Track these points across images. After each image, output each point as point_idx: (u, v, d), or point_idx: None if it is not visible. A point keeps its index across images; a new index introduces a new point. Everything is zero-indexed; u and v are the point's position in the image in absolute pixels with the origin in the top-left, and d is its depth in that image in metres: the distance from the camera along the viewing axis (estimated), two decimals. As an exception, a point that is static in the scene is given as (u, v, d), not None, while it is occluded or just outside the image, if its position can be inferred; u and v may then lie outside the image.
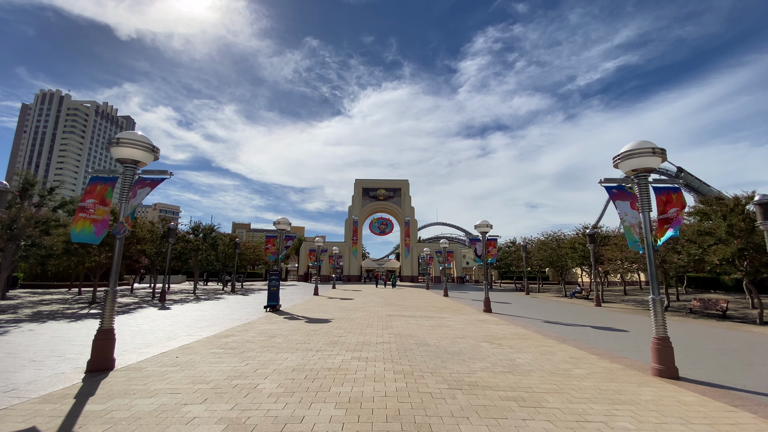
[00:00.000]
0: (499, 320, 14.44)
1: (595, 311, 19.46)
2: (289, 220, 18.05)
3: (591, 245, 23.59)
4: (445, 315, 15.78)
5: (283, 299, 24.07)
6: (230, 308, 18.13)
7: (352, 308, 18.13)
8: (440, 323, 13.13)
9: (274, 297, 16.76)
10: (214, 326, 11.99)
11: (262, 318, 14.07)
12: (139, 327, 11.89)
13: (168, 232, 23.44)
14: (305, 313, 15.76)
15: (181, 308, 18.16)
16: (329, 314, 15.51)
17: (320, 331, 11.05)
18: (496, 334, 10.88)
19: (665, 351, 7.04)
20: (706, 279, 33.27)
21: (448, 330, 11.56)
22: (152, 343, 9.27)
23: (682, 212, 7.20)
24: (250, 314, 15.49)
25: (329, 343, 9.09)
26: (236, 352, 8.03)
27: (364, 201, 63.60)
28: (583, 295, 29.26)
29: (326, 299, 24.27)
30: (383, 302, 21.99)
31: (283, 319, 13.90)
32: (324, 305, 19.73)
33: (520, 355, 8.12)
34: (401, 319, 14.01)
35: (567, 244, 27.63)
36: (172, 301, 22.54)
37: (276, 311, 16.47)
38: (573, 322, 14.80)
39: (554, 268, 34.32)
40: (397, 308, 18.44)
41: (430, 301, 23.39)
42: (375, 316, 15.05)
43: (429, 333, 10.90)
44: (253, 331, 10.83)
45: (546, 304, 24.27)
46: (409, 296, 28.33)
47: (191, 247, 27.52)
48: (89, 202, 7.12)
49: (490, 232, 18.11)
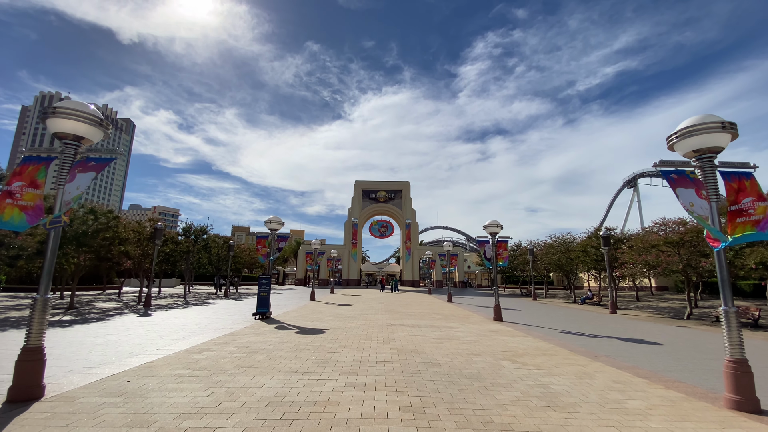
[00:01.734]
0: (514, 330, 12.91)
1: (612, 319, 17.93)
2: (281, 220, 16.57)
3: (605, 248, 22.07)
4: (453, 324, 14.25)
5: (277, 305, 22.54)
6: (217, 315, 16.62)
7: (350, 316, 16.60)
8: (449, 334, 11.61)
9: (264, 303, 15.25)
10: (191, 337, 10.49)
11: (248, 327, 12.55)
12: (105, 338, 10.39)
13: (155, 233, 21.98)
14: (297, 322, 14.24)
15: (164, 315, 16.65)
16: (324, 323, 13.99)
17: (311, 344, 9.53)
18: (516, 349, 9.36)
19: (744, 378, 5.52)
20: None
21: (459, 343, 10.05)
22: (110, 360, 7.77)
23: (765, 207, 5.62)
24: (237, 322, 13.98)
25: (319, 362, 7.58)
26: (204, 375, 6.53)
27: (364, 203, 62.14)
28: (594, 301, 27.70)
29: (322, 305, 22.73)
30: (383, 309, 20.46)
31: (272, 328, 12.38)
32: (319, 312, 18.21)
33: (553, 380, 6.61)
34: (404, 330, 12.49)
35: (578, 247, 26.11)
36: (158, 306, 21.04)
37: (265, 319, 14.96)
38: (595, 332, 13.28)
39: (563, 272, 32.77)
40: (399, 316, 16.93)
41: (434, 308, 21.85)
42: (374, 325, 13.54)
43: (437, 347, 9.38)
44: (232, 345, 9.32)
45: (557, 311, 22.73)
46: (411, 302, 26.78)
47: (181, 249, 26.01)
48: (16, 185, 5.61)
49: (500, 233, 16.63)
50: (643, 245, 19.29)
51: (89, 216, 18.79)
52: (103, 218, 18.96)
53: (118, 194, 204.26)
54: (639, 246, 19.52)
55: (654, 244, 18.72)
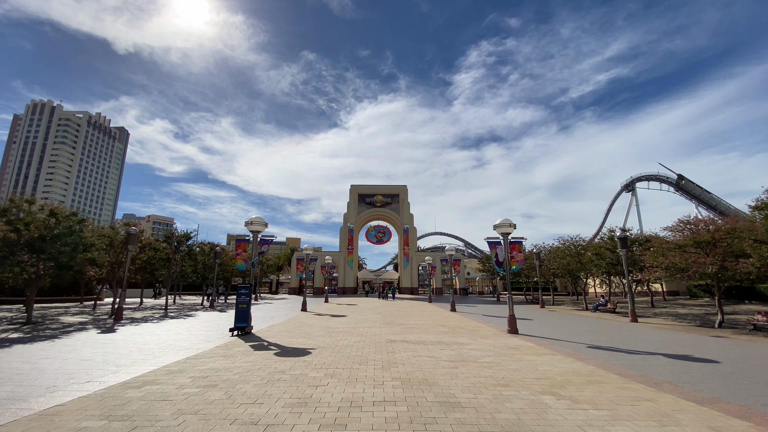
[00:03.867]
0: (536, 346, 10.89)
1: (638, 329, 15.95)
2: (264, 221, 14.53)
3: (623, 250, 20.18)
4: (463, 339, 12.20)
5: (263, 317, 20.38)
6: (191, 331, 14.47)
7: (343, 330, 14.51)
8: (462, 354, 9.56)
9: (243, 317, 13.14)
10: (143, 363, 8.39)
11: (219, 347, 10.45)
12: (35, 364, 8.27)
13: (127, 239, 19.85)
14: (281, 339, 12.13)
15: (131, 331, 14.49)
16: (312, 339, 11.90)
17: (289, 373, 7.45)
18: (552, 376, 7.34)
19: None
20: (740, 288, 29.87)
21: (478, 368, 8.00)
22: (14, 398, 5.69)
23: None
24: (209, 340, 11.86)
25: (294, 403, 5.52)
26: (121, 430, 4.47)
27: (360, 208, 60.06)
28: (608, 308, 25.71)
29: (313, 317, 20.59)
30: (382, 320, 18.36)
31: (247, 348, 10.29)
32: (308, 325, 16.09)
33: (627, 431, 4.60)
34: (407, 348, 10.43)
35: (591, 250, 24.19)
36: (131, 320, 18.83)
37: (244, 335, 12.84)
38: (630, 347, 11.27)
39: (572, 277, 30.80)
40: (400, 329, 14.86)
41: (437, 318, 19.78)
42: (371, 342, 11.46)
43: (452, 376, 7.34)
44: (188, 374, 7.23)
45: (572, 319, 20.72)
46: (411, 311, 24.67)
47: (160, 256, 23.81)
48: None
49: (513, 233, 14.68)
50: (669, 246, 17.39)
51: (50, 220, 16.67)
52: (66, 222, 16.83)
53: (111, 203, 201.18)
54: (663, 247, 17.61)
55: (681, 244, 16.84)
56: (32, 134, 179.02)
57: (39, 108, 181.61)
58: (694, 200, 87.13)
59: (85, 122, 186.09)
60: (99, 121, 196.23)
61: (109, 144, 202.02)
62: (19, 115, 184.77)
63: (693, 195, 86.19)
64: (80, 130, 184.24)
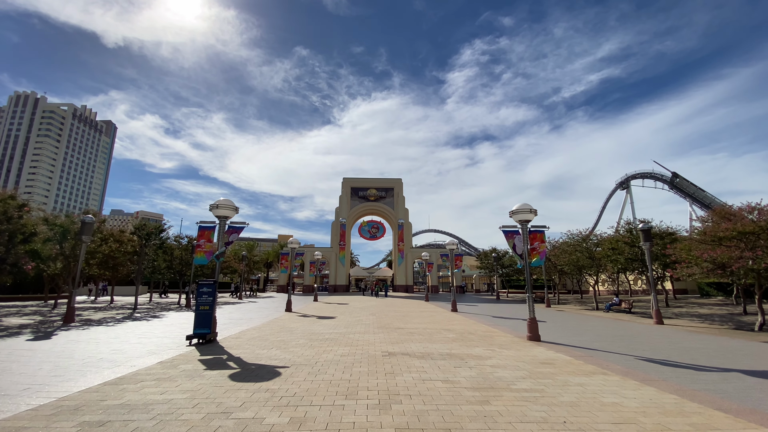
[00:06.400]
0: (574, 360, 8.50)
1: (675, 334, 13.71)
2: (234, 204, 11.94)
3: (647, 243, 17.97)
4: (479, 349, 9.79)
5: (241, 318, 17.81)
6: (144, 336, 11.85)
7: (329, 337, 12.02)
8: (485, 375, 7.12)
9: (204, 322, 10.57)
10: (47, 387, 5.83)
11: (162, 363, 7.89)
12: None
13: (82, 228, 17.11)
14: (249, 350, 9.60)
15: (72, 336, 11.85)
16: (288, 351, 9.39)
17: (238, 414, 4.94)
18: (634, 417, 4.92)
19: None
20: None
21: (518, 401, 5.56)
22: None
23: None
24: (159, 350, 9.30)
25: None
26: None
27: (353, 202, 57.42)
28: (623, 308, 23.58)
29: (298, 319, 18.06)
30: (376, 323, 15.89)
31: (197, 365, 7.75)
32: (289, 331, 13.57)
33: None
34: (411, 366, 7.97)
35: (607, 244, 21.98)
36: (86, 321, 16.17)
37: (205, 344, 10.28)
38: (687, 360, 8.94)
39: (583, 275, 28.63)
40: (398, 336, 12.42)
41: (439, 321, 17.39)
42: (364, 355, 8.99)
43: (486, 419, 4.87)
44: (83, 416, 4.69)
45: (588, 321, 18.48)
46: (408, 312, 22.26)
47: (125, 249, 21.05)
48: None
49: (533, 220, 12.31)
50: (707, 238, 15.17)
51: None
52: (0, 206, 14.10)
53: (98, 198, 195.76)
54: (696, 240, 15.40)
55: (721, 236, 14.64)
56: (15, 127, 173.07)
57: (22, 99, 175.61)
58: (688, 198, 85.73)
59: (70, 115, 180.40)
60: (84, 113, 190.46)
61: (95, 137, 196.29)
62: (1, 107, 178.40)
63: (687, 193, 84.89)
64: (65, 122, 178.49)
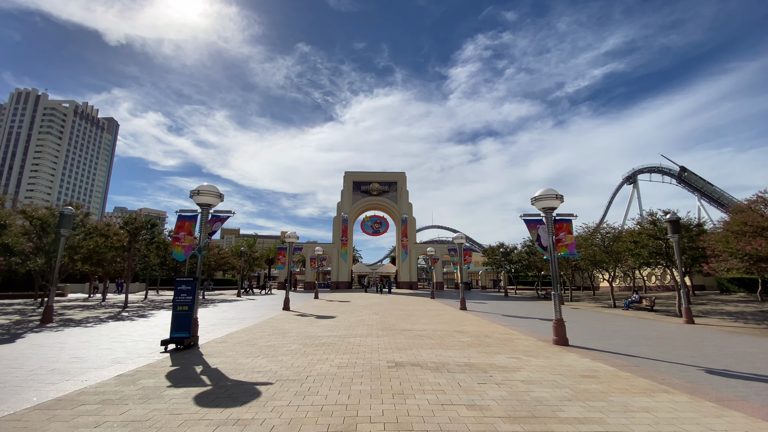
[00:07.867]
0: (620, 371, 7.02)
1: (717, 337, 12.19)
2: (218, 191, 10.51)
3: (675, 236, 16.42)
4: (501, 357, 8.32)
5: (233, 318, 16.45)
6: (117, 340, 10.48)
7: (327, 342, 10.58)
8: (520, 396, 5.65)
9: (183, 324, 9.17)
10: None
11: (122, 376, 6.49)
12: None
13: (61, 220, 15.78)
14: (231, 358, 8.17)
15: (40, 340, 10.52)
16: (276, 361, 7.96)
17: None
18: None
19: None
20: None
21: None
22: None
23: None
24: (126, 359, 7.90)
25: None
26: None
27: (355, 196, 55.90)
28: (644, 305, 22.04)
29: (294, 318, 16.67)
30: (380, 324, 14.46)
31: (162, 381, 6.33)
32: (283, 333, 12.16)
33: None
34: (424, 383, 6.51)
35: (629, 237, 20.43)
36: (65, 321, 14.88)
37: (183, 350, 8.88)
38: (750, 369, 7.45)
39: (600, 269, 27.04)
40: (405, 339, 10.97)
41: (449, 320, 15.93)
42: (366, 366, 7.54)
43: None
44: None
45: (611, 320, 16.96)
46: (414, 310, 20.82)
47: (112, 244, 19.75)
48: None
49: (558, 207, 10.78)
50: (748, 228, 13.60)
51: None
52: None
53: (100, 196, 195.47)
54: (738, 230, 13.82)
55: (764, 226, 13.07)
56: (17, 123, 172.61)
57: (24, 96, 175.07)
58: (696, 193, 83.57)
59: (72, 112, 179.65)
60: (86, 111, 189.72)
61: (97, 135, 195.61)
62: (3, 104, 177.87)
63: (695, 187, 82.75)
64: (66, 119, 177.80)
